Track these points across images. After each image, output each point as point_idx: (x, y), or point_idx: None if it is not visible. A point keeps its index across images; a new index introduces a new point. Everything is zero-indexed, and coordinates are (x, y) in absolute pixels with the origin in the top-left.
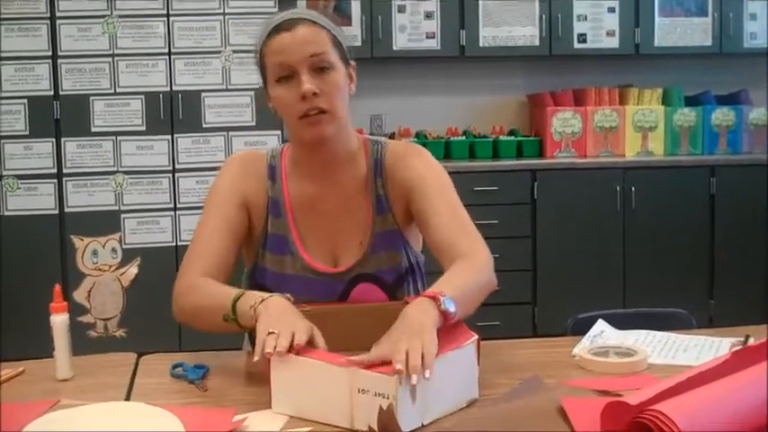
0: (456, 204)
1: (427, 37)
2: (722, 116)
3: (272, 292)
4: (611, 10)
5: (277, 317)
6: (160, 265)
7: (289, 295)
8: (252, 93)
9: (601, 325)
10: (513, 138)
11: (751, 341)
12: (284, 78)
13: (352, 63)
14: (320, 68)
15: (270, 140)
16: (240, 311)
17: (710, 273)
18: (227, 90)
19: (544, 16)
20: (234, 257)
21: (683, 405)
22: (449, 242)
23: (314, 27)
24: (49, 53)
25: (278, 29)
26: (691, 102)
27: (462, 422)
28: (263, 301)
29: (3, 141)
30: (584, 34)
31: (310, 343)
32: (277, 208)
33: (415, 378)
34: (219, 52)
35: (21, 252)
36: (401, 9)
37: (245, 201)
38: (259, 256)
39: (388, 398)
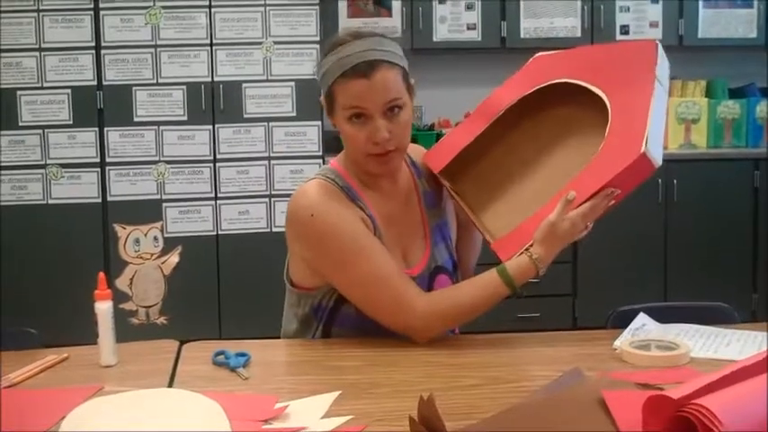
0: None
1: (468, 28)
2: (767, 109)
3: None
4: (655, 1)
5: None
6: (201, 254)
7: None
8: (292, 84)
9: (642, 318)
10: None
11: None
12: (355, 116)
13: (412, 81)
14: (393, 108)
15: (310, 131)
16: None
17: (753, 267)
18: (267, 81)
19: (586, 7)
20: None
21: (726, 400)
22: None
23: (391, 70)
24: (93, 44)
25: (354, 71)
26: (735, 94)
27: (501, 414)
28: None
29: (47, 131)
30: (627, 26)
31: None
32: (373, 223)
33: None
34: (261, 43)
35: (64, 240)
36: (442, 0)
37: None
38: None
39: None
